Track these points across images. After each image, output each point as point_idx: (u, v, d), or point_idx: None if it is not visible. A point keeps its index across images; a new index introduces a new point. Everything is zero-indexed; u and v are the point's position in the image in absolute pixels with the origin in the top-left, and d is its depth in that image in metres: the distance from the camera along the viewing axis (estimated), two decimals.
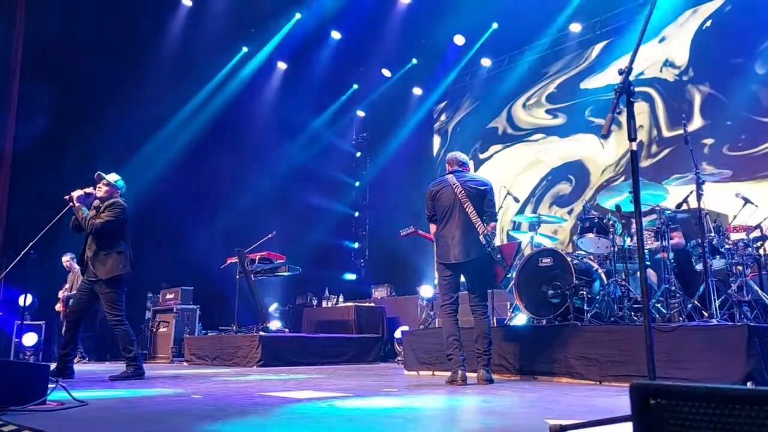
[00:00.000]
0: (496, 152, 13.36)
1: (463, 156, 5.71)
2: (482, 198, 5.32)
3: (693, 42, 10.46)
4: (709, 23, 10.34)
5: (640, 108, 10.78)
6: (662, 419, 1.09)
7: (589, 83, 11.80)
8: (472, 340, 5.21)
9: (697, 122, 10.07)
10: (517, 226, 10.08)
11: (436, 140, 14.93)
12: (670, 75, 10.66)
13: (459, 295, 5.36)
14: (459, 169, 5.54)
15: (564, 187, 11.96)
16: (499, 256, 5.24)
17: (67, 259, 10.12)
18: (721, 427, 1.04)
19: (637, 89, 9.00)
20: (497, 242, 5.42)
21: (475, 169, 13.19)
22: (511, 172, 12.91)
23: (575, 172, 11.78)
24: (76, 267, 9.78)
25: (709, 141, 9.79)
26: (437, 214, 5.41)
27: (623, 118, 2.50)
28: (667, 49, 10.78)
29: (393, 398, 4.02)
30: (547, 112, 12.49)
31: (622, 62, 2.48)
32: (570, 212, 11.59)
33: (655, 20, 10.65)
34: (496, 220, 5.38)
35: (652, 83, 10.82)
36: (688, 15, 10.61)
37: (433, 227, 5.50)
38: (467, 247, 5.18)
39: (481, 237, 5.18)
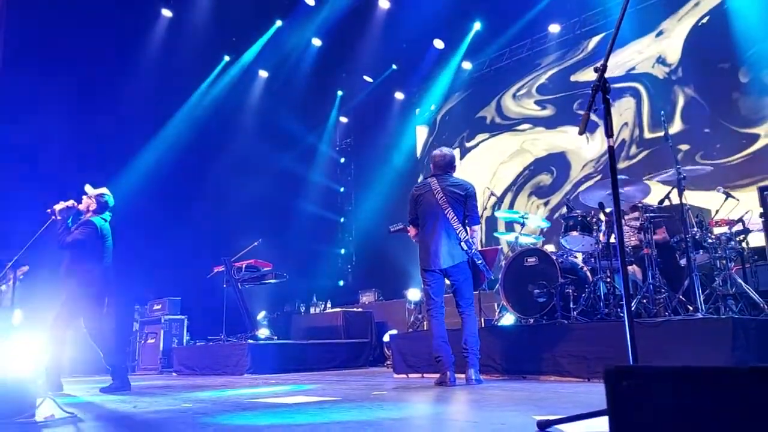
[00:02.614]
0: (483, 141, 13.42)
1: (447, 153, 5.58)
2: (463, 203, 5.32)
3: (687, 39, 10.29)
4: (706, 20, 10.11)
5: (627, 104, 10.81)
6: (636, 401, 1.11)
7: (580, 76, 11.79)
8: (459, 341, 5.22)
9: (676, 126, 10.04)
10: (493, 219, 10.05)
11: (423, 132, 14.91)
12: (660, 72, 10.57)
13: (444, 298, 5.38)
14: (441, 173, 5.49)
15: (545, 178, 12.06)
16: (480, 261, 5.25)
17: None
18: (690, 404, 1.06)
19: (626, 84, 8.96)
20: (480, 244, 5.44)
21: (461, 157, 13.28)
22: (495, 160, 13.00)
23: (557, 164, 11.86)
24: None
25: (684, 147, 9.75)
26: (419, 218, 5.44)
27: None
28: (662, 45, 10.63)
29: (381, 401, 4.02)
30: (536, 103, 12.54)
31: (616, 56, 2.49)
32: (546, 203, 11.74)
33: (656, 11, 10.68)
34: (478, 224, 5.39)
35: (642, 79, 10.74)
36: (688, 8, 10.38)
37: (413, 230, 5.53)
38: (449, 254, 5.20)
39: (462, 243, 5.21)
